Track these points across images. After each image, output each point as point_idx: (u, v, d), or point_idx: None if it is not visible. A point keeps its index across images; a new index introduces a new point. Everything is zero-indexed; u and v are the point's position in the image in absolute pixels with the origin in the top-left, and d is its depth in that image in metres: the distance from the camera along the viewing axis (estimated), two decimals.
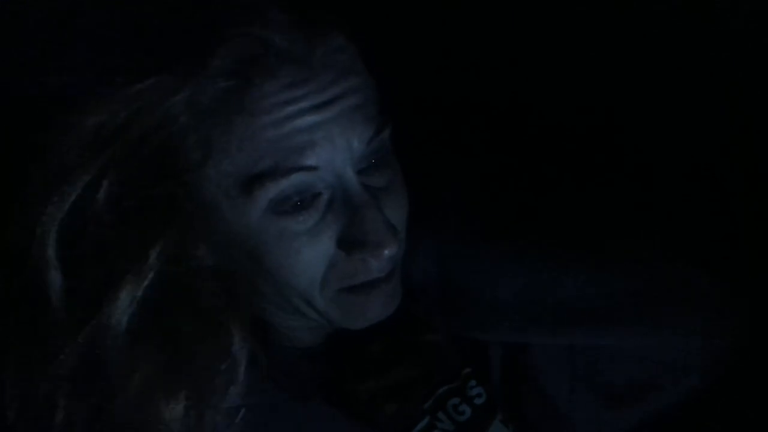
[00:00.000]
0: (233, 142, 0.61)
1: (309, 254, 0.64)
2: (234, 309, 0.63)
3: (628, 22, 0.77)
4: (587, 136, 0.80)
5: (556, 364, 0.74)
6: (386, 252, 0.64)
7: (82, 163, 0.60)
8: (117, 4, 0.63)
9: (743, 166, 0.76)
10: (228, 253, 0.64)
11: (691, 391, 0.71)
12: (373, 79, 0.67)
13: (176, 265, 0.61)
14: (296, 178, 0.62)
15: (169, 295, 0.61)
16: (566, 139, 0.80)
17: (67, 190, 0.60)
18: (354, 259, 0.65)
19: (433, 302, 0.75)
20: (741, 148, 0.77)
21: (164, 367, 0.60)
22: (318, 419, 0.70)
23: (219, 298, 0.62)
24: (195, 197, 0.62)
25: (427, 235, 0.75)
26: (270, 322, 0.71)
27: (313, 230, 0.64)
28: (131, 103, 0.60)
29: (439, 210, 0.75)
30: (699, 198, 0.75)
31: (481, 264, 0.75)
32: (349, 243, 0.64)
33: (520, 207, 0.76)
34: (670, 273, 0.72)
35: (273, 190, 0.62)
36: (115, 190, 0.60)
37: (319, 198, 0.64)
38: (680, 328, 0.71)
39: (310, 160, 0.62)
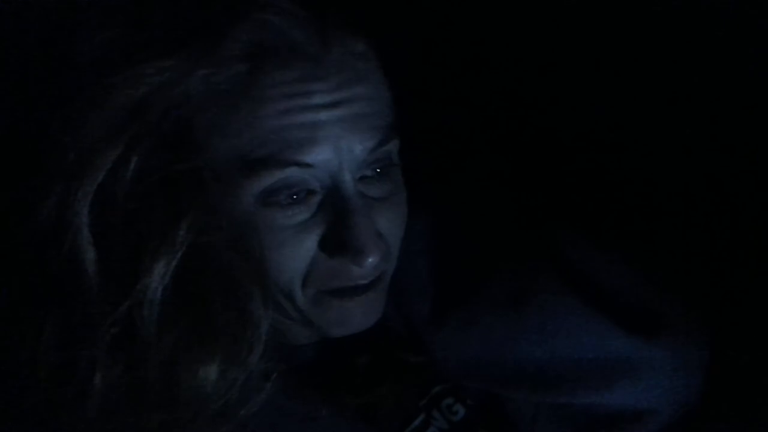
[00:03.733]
0: (235, 125, 0.62)
1: (291, 249, 0.65)
2: (253, 275, 0.64)
3: (626, 22, 0.79)
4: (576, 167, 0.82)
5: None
6: (368, 260, 0.65)
7: (111, 138, 0.61)
8: None
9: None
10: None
11: (659, 427, 0.70)
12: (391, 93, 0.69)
13: (204, 235, 0.62)
14: (290, 172, 0.63)
15: (198, 265, 0.62)
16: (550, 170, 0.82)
17: (97, 166, 0.61)
18: (335, 262, 0.66)
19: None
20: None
21: (197, 333, 0.62)
22: (312, 416, 0.70)
23: (240, 265, 0.63)
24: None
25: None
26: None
27: (299, 226, 0.65)
28: (152, 80, 0.61)
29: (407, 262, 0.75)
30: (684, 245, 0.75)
31: (442, 324, 0.75)
32: (331, 245, 0.65)
33: (481, 266, 0.76)
34: (622, 341, 0.70)
35: (266, 179, 0.63)
36: (143, 164, 0.61)
37: (313, 196, 0.65)
38: (633, 393, 0.69)
39: (307, 157, 0.63)
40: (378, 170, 0.67)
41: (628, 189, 0.79)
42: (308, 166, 0.63)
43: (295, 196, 0.64)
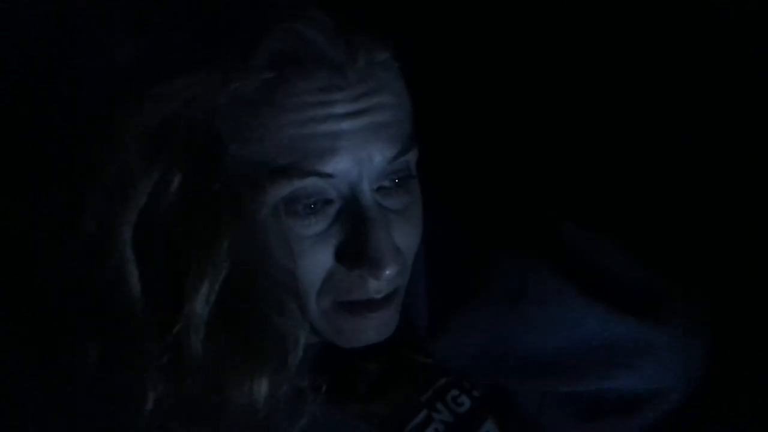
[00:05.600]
0: (256, 132, 0.62)
1: (309, 260, 0.65)
2: (281, 285, 0.64)
3: (626, 22, 0.78)
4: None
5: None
6: (385, 272, 0.64)
7: (153, 157, 0.60)
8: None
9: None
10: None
11: (667, 409, 0.71)
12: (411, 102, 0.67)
13: (244, 252, 0.62)
14: (310, 182, 0.63)
15: (238, 281, 0.62)
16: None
17: (141, 186, 0.60)
18: (352, 275, 0.65)
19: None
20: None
21: (243, 348, 0.62)
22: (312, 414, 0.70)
23: (273, 280, 0.64)
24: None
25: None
26: None
27: (317, 237, 0.65)
28: (185, 94, 0.61)
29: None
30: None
31: (443, 328, 0.75)
32: (348, 256, 0.65)
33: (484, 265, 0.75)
34: (624, 325, 0.70)
35: (286, 188, 0.62)
36: (184, 182, 0.61)
37: (331, 206, 0.64)
38: (636, 377, 0.70)
39: (328, 168, 0.62)
40: (396, 181, 0.66)
41: (627, 177, 0.78)
42: (329, 176, 0.63)
43: (312, 206, 0.64)
